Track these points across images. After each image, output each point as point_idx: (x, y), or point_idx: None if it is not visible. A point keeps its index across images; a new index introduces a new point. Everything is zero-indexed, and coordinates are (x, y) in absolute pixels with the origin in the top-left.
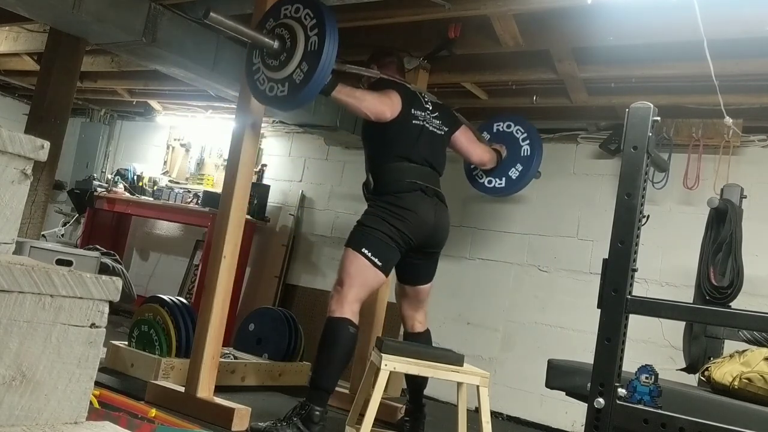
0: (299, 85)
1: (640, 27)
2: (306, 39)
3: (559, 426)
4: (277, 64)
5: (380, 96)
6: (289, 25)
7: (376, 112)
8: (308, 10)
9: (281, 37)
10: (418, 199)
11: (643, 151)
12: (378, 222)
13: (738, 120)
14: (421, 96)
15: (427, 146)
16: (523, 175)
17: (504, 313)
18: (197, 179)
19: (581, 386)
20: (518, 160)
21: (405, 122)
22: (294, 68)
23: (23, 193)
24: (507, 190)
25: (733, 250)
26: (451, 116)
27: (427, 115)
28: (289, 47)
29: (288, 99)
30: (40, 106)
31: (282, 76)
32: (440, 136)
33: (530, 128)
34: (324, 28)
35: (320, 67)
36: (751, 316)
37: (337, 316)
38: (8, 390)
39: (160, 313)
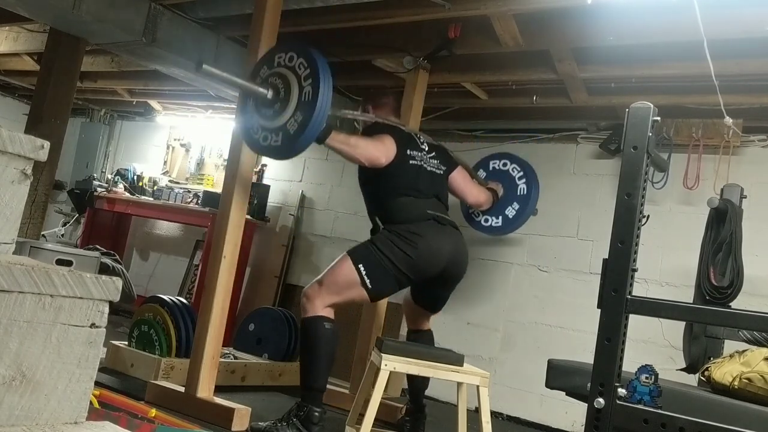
0: (293, 135)
1: (640, 27)
2: (300, 89)
3: (559, 426)
4: (270, 114)
5: (374, 142)
6: (283, 75)
7: (371, 159)
8: (302, 60)
9: (275, 86)
10: (431, 228)
11: (643, 151)
12: (388, 246)
13: (738, 120)
14: (416, 137)
15: (429, 182)
16: (519, 214)
17: (504, 313)
18: (197, 179)
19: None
20: (515, 198)
21: (402, 164)
22: (288, 118)
23: (23, 193)
24: (504, 229)
25: (733, 250)
26: (448, 156)
27: (424, 155)
28: (283, 97)
29: (282, 149)
30: (40, 106)
31: (276, 125)
32: (439, 175)
33: (526, 166)
34: (318, 79)
35: (314, 118)
36: (751, 316)
37: (311, 316)
38: (8, 390)
39: (160, 313)
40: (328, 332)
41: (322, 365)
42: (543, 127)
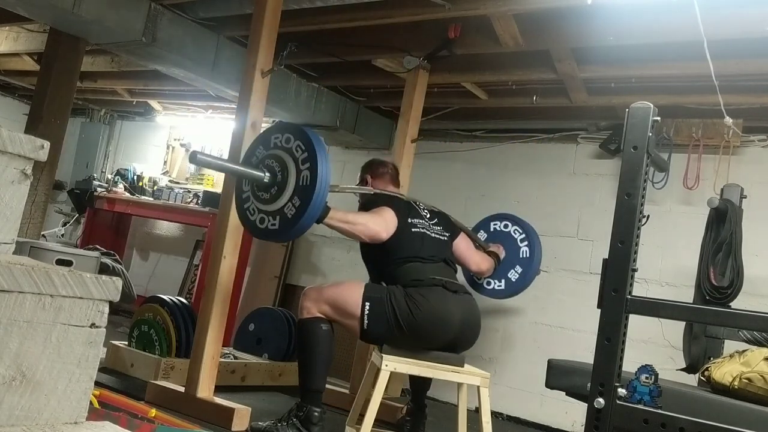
0: (291, 220)
1: (640, 27)
2: (297, 173)
3: (559, 426)
4: (267, 197)
5: (373, 217)
6: (279, 157)
7: (371, 235)
8: (299, 142)
9: (271, 168)
10: (439, 294)
11: (643, 151)
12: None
13: (738, 120)
14: (416, 205)
15: (434, 248)
16: (523, 277)
17: (504, 313)
18: (197, 179)
19: (581, 386)
20: (517, 261)
21: (404, 233)
22: (285, 202)
23: (23, 193)
24: (507, 292)
25: (733, 250)
26: (450, 223)
27: (426, 222)
28: (280, 180)
29: (280, 233)
30: (40, 106)
31: (273, 209)
32: (444, 241)
33: (528, 228)
34: (316, 163)
35: (313, 203)
36: (751, 316)
37: (308, 317)
38: (8, 390)
39: (160, 313)
40: (325, 333)
41: (320, 366)
42: (543, 127)
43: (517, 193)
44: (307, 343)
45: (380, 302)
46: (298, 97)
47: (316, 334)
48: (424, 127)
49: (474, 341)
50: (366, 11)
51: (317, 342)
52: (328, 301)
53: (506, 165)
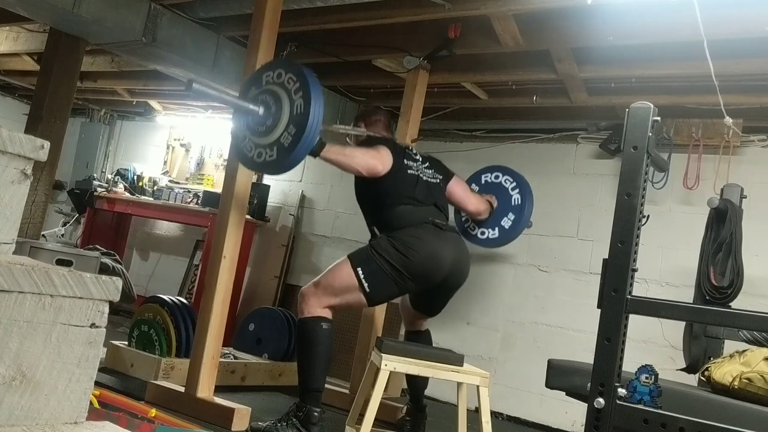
0: (288, 148)
1: (640, 27)
2: (291, 102)
3: (559, 426)
4: (263, 130)
5: (370, 151)
6: (272, 91)
7: (368, 167)
8: (290, 75)
9: (266, 102)
10: (431, 233)
11: (643, 151)
12: (388, 251)
13: (738, 120)
14: (409, 150)
15: (427, 192)
16: (516, 224)
17: (504, 313)
18: (197, 179)
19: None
20: (509, 209)
21: (399, 173)
22: (281, 132)
23: (23, 193)
24: (501, 240)
25: (733, 250)
26: (443, 167)
27: (420, 165)
28: (275, 112)
29: (277, 163)
30: (40, 106)
31: (269, 141)
32: (436, 184)
33: (518, 177)
34: (308, 90)
35: (308, 129)
36: (751, 316)
37: (307, 316)
38: (8, 390)
39: (160, 313)
40: (325, 332)
41: (320, 365)
42: (543, 127)
43: None
44: (306, 342)
45: (370, 261)
46: None
47: (316, 334)
48: (424, 127)
49: (462, 282)
50: (366, 11)
51: (317, 341)
52: (325, 291)
53: (506, 165)
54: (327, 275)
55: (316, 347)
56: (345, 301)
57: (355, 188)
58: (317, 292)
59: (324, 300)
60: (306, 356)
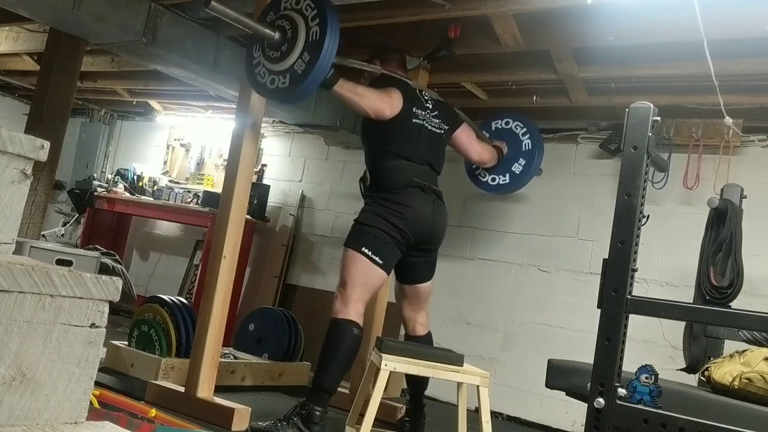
0: (301, 75)
1: (640, 27)
2: (307, 29)
3: (559, 426)
4: (278, 56)
5: (381, 94)
6: (289, 17)
7: (376, 110)
8: (309, 1)
9: (282, 28)
10: (415, 196)
11: (643, 151)
12: (376, 219)
13: (738, 120)
14: (421, 94)
15: (427, 145)
16: (526, 170)
17: (504, 313)
18: (197, 179)
19: (581, 386)
20: (520, 154)
21: (405, 121)
22: (295, 59)
23: (23, 193)
24: (511, 186)
25: (733, 250)
26: (452, 114)
27: (427, 114)
28: (290, 38)
29: (290, 90)
30: (40, 106)
31: (283, 67)
32: (440, 134)
33: (529, 123)
34: (325, 18)
35: (322, 57)
36: (751, 316)
37: (341, 318)
38: (8, 390)
39: (160, 313)
40: (354, 337)
41: (339, 368)
42: (543, 127)
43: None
44: (333, 341)
45: (368, 237)
46: None
47: (345, 337)
48: None
49: (440, 240)
50: (366, 11)
51: (343, 344)
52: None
53: None
54: (344, 273)
55: (342, 350)
56: (371, 285)
57: (362, 125)
58: (347, 291)
59: (355, 296)
60: (328, 354)
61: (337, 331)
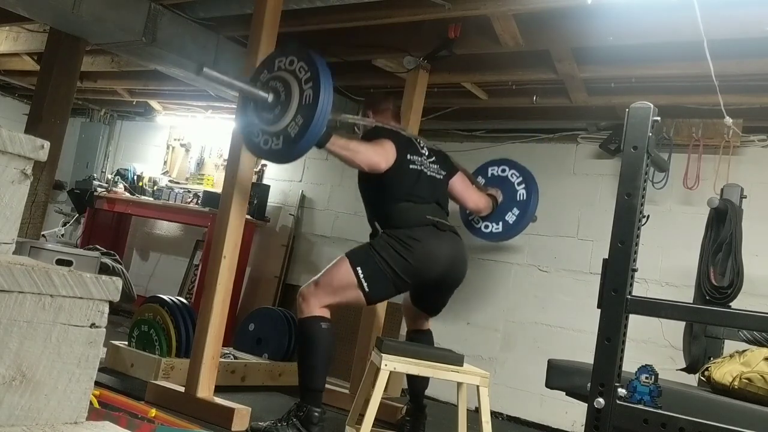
0: (294, 138)
1: (640, 27)
2: (301, 92)
3: (559, 426)
4: (271, 117)
5: (374, 147)
6: (283, 78)
7: (371, 164)
8: (302, 63)
9: (275, 90)
10: (429, 233)
11: (643, 151)
12: (387, 251)
13: (738, 120)
14: (416, 142)
15: (429, 187)
16: (520, 219)
17: (504, 313)
18: (197, 179)
19: (581, 386)
20: (515, 204)
21: (402, 168)
22: (289, 122)
23: (23, 193)
24: (504, 235)
25: (733, 250)
26: (448, 161)
27: (424, 160)
28: (284, 100)
29: (283, 153)
30: (40, 106)
31: (276, 129)
32: (440, 180)
33: (525, 172)
34: (319, 82)
35: (315, 121)
36: (751, 316)
37: (307, 316)
38: (8, 390)
39: (160, 313)
40: (325, 332)
41: (320, 365)
42: (543, 127)
43: None
44: (306, 342)
45: (370, 260)
46: None
47: (316, 333)
48: (424, 127)
49: (459, 282)
50: (366, 11)
51: (317, 341)
52: (324, 289)
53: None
54: (326, 274)
55: (317, 347)
56: (344, 299)
57: (358, 180)
58: (317, 291)
59: (323, 299)
60: (306, 356)
61: (308, 329)
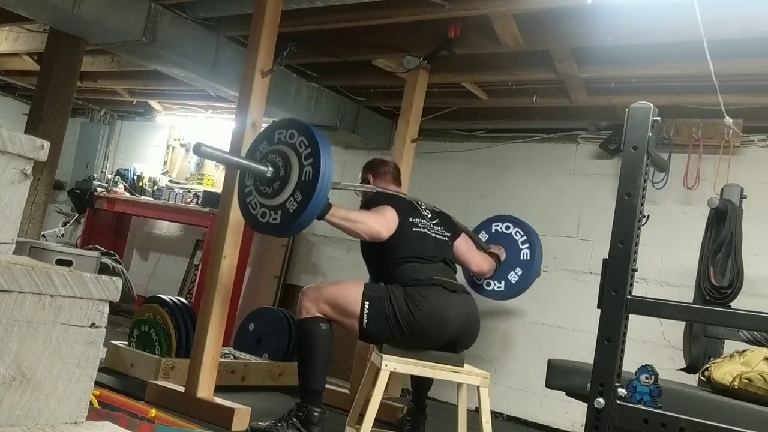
0: (293, 214)
1: (640, 27)
2: (300, 168)
3: (559, 426)
4: (270, 192)
5: (375, 216)
6: (282, 152)
7: (372, 234)
8: (303, 138)
9: (275, 163)
10: (438, 293)
11: (643, 151)
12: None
13: (738, 120)
14: (418, 205)
15: (435, 248)
16: (522, 279)
17: (504, 313)
18: (197, 179)
19: (581, 386)
20: (517, 263)
21: (406, 231)
22: (287, 197)
23: (23, 193)
24: (506, 293)
25: (733, 250)
26: (451, 223)
27: (427, 223)
28: (283, 175)
29: (281, 227)
30: (40, 106)
31: (275, 203)
32: (444, 241)
33: (529, 230)
34: (319, 158)
35: (314, 198)
36: (751, 316)
37: (306, 317)
38: (8, 390)
39: (160, 313)
40: (324, 332)
41: (320, 366)
42: (543, 127)
43: (516, 193)
44: (306, 343)
45: (380, 302)
46: (298, 97)
47: (316, 334)
48: (424, 127)
49: (473, 341)
50: (366, 11)
51: (316, 342)
52: (327, 300)
53: (506, 165)
54: (335, 289)
55: (316, 347)
56: (339, 319)
57: (361, 248)
58: (318, 297)
59: (322, 306)
60: (305, 356)
61: (307, 330)
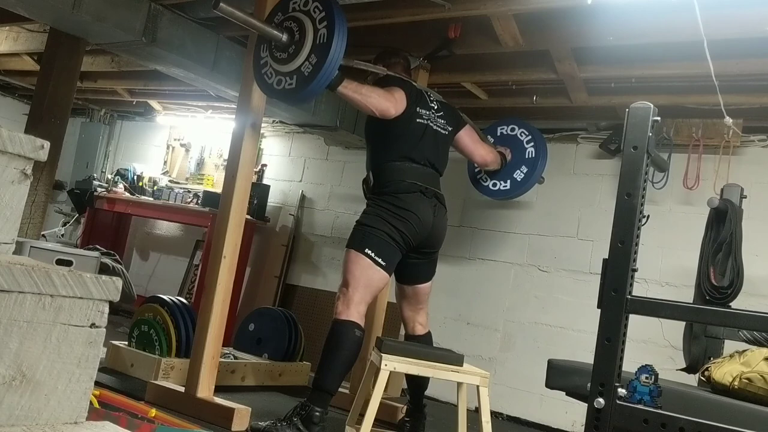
0: (308, 77)
1: (640, 27)
2: (315, 32)
3: (559, 426)
4: (285, 57)
5: (385, 93)
6: (297, 18)
7: (381, 109)
8: (317, 3)
9: (290, 29)
10: (417, 200)
11: (643, 151)
12: (378, 221)
13: (738, 120)
14: (426, 94)
15: (431, 146)
16: (528, 177)
17: (504, 313)
18: (197, 179)
19: (581, 386)
20: (523, 162)
21: (409, 120)
22: (303, 61)
23: (23, 193)
24: (512, 193)
25: (733, 250)
26: (456, 116)
27: (432, 114)
28: (298, 40)
29: (296, 92)
30: (40, 106)
31: (290, 69)
32: (444, 135)
33: (534, 131)
34: (333, 21)
35: (329, 60)
36: (751, 316)
37: (343, 319)
38: (8, 390)
39: (160, 313)
40: (355, 339)
41: (340, 369)
42: (543, 127)
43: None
44: (335, 343)
45: (371, 238)
46: None
47: (347, 338)
48: None
49: (440, 244)
50: (366, 11)
51: (344, 347)
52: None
53: None
54: (346, 274)
55: (342, 351)
56: (373, 286)
57: (366, 123)
58: (348, 292)
59: (356, 297)
60: (329, 355)
61: (339, 332)
